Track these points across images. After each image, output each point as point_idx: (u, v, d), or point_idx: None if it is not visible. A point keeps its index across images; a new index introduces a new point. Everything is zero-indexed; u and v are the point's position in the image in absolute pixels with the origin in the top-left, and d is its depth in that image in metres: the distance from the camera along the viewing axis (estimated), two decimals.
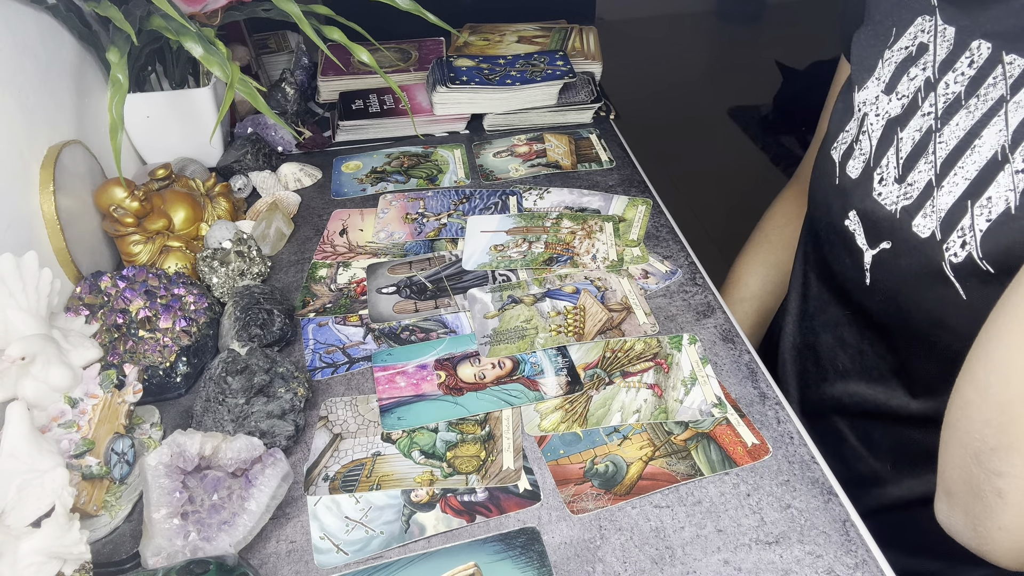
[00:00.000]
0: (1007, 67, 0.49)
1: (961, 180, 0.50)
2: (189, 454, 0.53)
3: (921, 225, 0.52)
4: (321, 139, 1.01)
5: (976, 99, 0.50)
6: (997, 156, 0.48)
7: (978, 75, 0.50)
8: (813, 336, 0.71)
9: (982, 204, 0.48)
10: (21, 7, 0.71)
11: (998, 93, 0.49)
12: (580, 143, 0.98)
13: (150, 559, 0.50)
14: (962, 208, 0.49)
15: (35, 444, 0.48)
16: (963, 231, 0.49)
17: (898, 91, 0.56)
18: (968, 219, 0.49)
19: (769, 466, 0.57)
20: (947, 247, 0.50)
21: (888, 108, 0.57)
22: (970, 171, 0.49)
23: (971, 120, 0.50)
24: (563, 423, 0.61)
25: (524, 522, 0.54)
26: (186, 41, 0.69)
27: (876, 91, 0.58)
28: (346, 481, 0.57)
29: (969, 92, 0.51)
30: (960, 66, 0.52)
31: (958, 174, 0.50)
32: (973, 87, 0.51)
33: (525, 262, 0.78)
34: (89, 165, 0.77)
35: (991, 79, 0.49)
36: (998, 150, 0.48)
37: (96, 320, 0.65)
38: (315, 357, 0.68)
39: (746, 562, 0.50)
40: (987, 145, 0.49)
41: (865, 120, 0.59)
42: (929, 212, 0.52)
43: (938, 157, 0.52)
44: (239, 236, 0.75)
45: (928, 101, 0.54)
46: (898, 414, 0.61)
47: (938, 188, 0.51)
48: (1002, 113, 0.48)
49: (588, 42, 1.14)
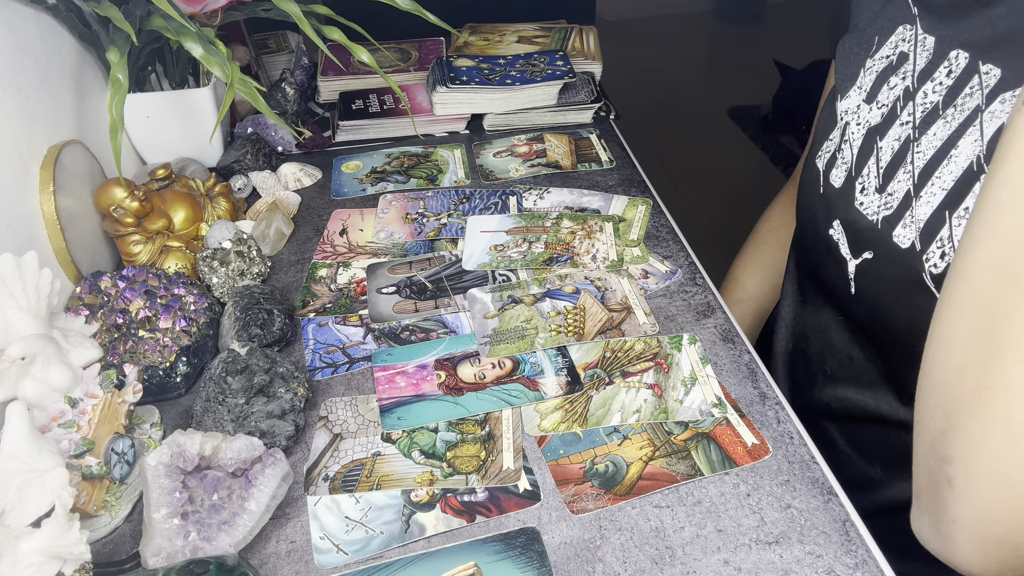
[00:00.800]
0: (983, 77, 0.48)
1: (939, 190, 0.49)
2: (189, 454, 0.53)
3: (901, 235, 0.52)
4: (321, 139, 1.01)
5: (953, 109, 0.50)
6: (973, 166, 0.47)
7: (955, 85, 0.50)
8: (804, 341, 0.71)
9: (959, 215, 0.48)
10: (21, 7, 0.71)
11: (974, 103, 0.48)
12: (580, 143, 0.98)
13: (150, 559, 0.50)
14: (940, 218, 0.49)
15: (35, 444, 0.48)
16: (942, 241, 0.49)
17: (878, 100, 0.56)
18: (947, 230, 0.48)
19: (769, 466, 0.57)
20: (927, 258, 0.49)
21: (869, 117, 0.57)
22: (947, 181, 0.49)
23: (948, 130, 0.50)
24: (563, 423, 0.61)
25: (524, 522, 0.54)
26: (186, 41, 0.69)
27: (858, 100, 0.58)
28: (346, 481, 0.57)
29: (947, 102, 0.50)
30: (939, 75, 0.51)
31: (935, 184, 0.50)
32: (951, 97, 0.50)
33: (525, 262, 0.78)
34: (89, 165, 0.77)
35: (968, 89, 0.49)
36: (973, 160, 0.47)
37: (96, 320, 0.65)
38: (315, 357, 0.68)
39: (746, 562, 0.50)
40: (963, 155, 0.48)
41: (847, 129, 0.59)
42: (909, 222, 0.51)
43: (916, 167, 0.51)
44: (239, 236, 0.75)
45: (907, 110, 0.53)
46: (888, 419, 0.61)
47: (916, 198, 0.51)
48: (977, 123, 0.47)
49: (588, 42, 1.14)
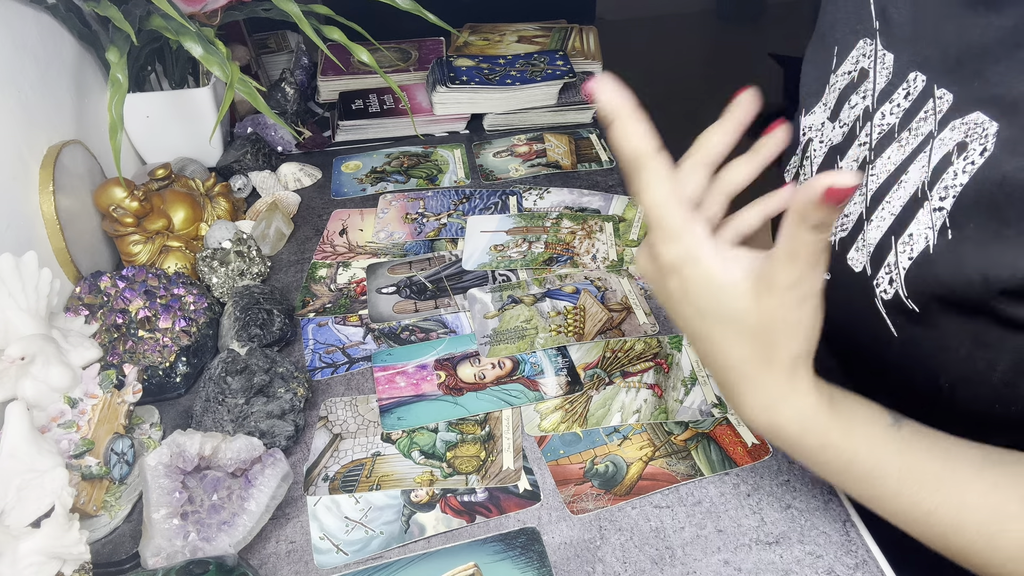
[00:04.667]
0: (937, 101, 0.47)
1: (888, 215, 0.49)
2: (189, 454, 0.53)
3: (854, 259, 0.51)
4: (321, 139, 1.01)
5: (908, 132, 0.49)
6: (917, 193, 0.47)
7: (911, 108, 0.49)
8: None
9: (904, 240, 0.47)
10: (21, 7, 0.71)
11: (927, 128, 0.47)
12: (580, 143, 0.98)
13: (150, 559, 0.50)
14: (888, 244, 0.48)
15: (35, 444, 0.48)
16: (889, 268, 0.48)
17: (840, 119, 0.55)
18: (893, 256, 0.48)
19: (769, 466, 0.57)
20: (877, 283, 0.49)
21: (831, 135, 0.56)
22: (896, 206, 0.48)
23: (901, 155, 0.49)
24: (563, 423, 0.61)
25: (524, 522, 0.54)
26: (186, 41, 0.69)
27: (823, 117, 0.57)
28: (346, 481, 0.57)
29: (902, 125, 0.50)
30: (897, 97, 0.50)
31: (885, 208, 0.49)
32: (906, 120, 0.49)
33: (525, 262, 0.78)
34: (89, 165, 0.77)
35: (922, 113, 0.48)
36: (919, 187, 0.47)
37: (96, 320, 0.65)
38: (315, 357, 0.68)
39: (746, 562, 0.50)
40: (911, 181, 0.47)
41: (809, 146, 0.58)
42: (861, 246, 0.51)
43: (869, 190, 0.50)
44: (239, 236, 0.75)
45: (864, 131, 0.52)
46: None
47: (868, 222, 0.50)
48: (928, 149, 0.47)
49: (588, 42, 1.14)
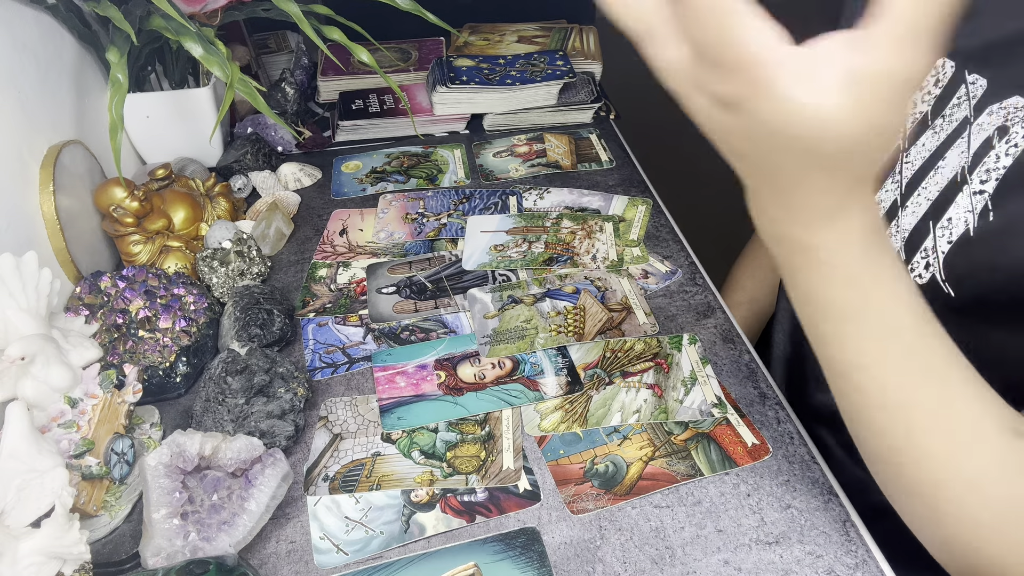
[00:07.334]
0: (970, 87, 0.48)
1: (924, 201, 0.49)
2: (189, 454, 0.53)
3: None
4: (321, 139, 1.01)
5: (942, 119, 0.50)
6: (957, 177, 0.47)
7: (943, 95, 0.50)
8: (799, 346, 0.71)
9: (943, 225, 0.48)
10: (21, 7, 0.71)
11: (962, 114, 0.48)
12: (580, 143, 0.98)
13: (150, 559, 0.50)
14: (924, 229, 0.49)
15: (35, 444, 0.48)
16: (926, 252, 0.49)
17: None
18: (931, 240, 0.48)
19: (769, 466, 0.57)
20: (911, 268, 0.50)
21: None
22: (932, 192, 0.49)
23: (936, 141, 0.50)
24: (563, 423, 0.61)
25: (524, 522, 0.54)
26: (186, 41, 0.69)
27: None
28: (346, 481, 0.57)
29: (935, 112, 0.50)
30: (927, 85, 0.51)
31: (921, 195, 0.50)
32: (939, 107, 0.50)
33: (525, 262, 0.78)
34: (89, 165, 0.77)
35: (955, 99, 0.49)
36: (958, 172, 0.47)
37: (96, 320, 0.65)
38: (315, 357, 0.68)
39: (746, 562, 0.50)
40: (949, 166, 0.48)
41: None
42: (894, 232, 0.51)
43: (904, 177, 0.51)
44: (239, 236, 0.75)
45: None
46: None
47: (903, 208, 0.51)
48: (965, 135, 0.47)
49: (588, 42, 1.13)
